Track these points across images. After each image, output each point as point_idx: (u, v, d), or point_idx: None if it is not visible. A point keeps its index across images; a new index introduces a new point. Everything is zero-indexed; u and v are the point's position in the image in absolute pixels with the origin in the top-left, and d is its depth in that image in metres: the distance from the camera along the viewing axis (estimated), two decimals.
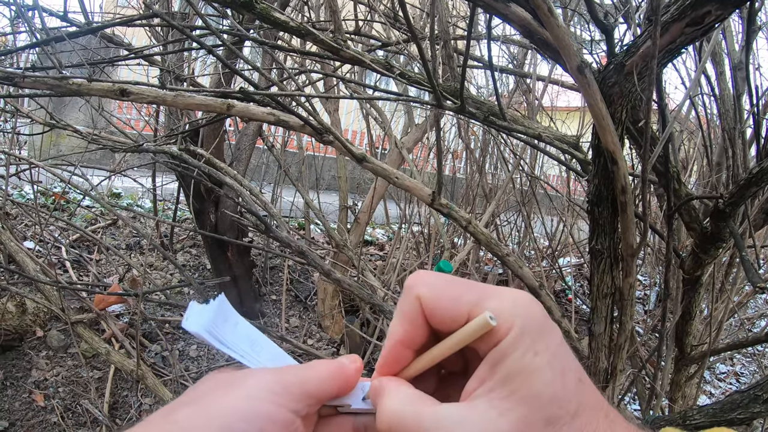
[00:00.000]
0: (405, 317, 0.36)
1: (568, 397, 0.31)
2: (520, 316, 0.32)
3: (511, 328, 0.31)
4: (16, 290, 2.02)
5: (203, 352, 2.61)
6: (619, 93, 0.81)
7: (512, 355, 0.31)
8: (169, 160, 1.91)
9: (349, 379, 0.39)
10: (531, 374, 0.30)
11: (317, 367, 0.38)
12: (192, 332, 0.37)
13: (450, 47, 1.41)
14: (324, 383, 0.37)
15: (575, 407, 0.31)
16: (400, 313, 0.36)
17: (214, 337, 0.37)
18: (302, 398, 0.35)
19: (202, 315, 0.38)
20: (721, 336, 1.62)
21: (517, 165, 2.68)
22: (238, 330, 0.40)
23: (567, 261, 4.24)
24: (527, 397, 0.30)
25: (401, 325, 0.36)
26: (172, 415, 0.33)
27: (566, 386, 0.31)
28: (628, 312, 1.03)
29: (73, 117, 4.30)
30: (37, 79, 1.03)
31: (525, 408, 0.30)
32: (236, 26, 1.17)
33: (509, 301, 0.33)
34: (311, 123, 1.12)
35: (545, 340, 0.32)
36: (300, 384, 0.36)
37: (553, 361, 0.31)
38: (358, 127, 7.43)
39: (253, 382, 0.35)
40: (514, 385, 0.30)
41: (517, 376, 0.30)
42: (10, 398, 2.12)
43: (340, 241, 2.14)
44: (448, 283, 0.35)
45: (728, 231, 1.05)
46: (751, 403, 0.89)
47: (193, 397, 0.35)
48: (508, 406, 0.30)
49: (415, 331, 0.36)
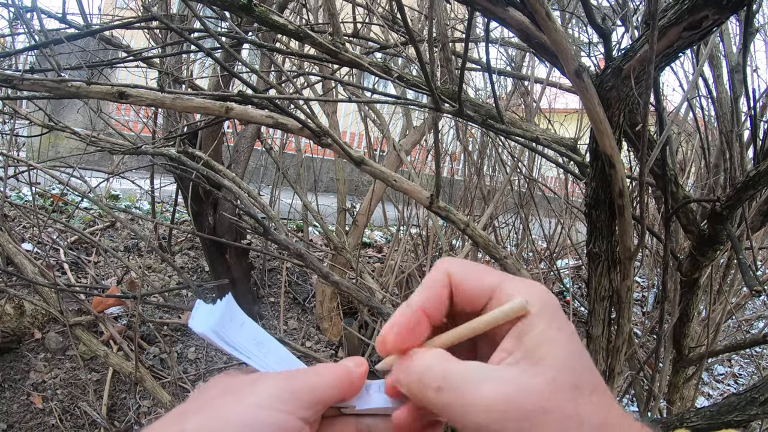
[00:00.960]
0: (431, 287, 0.37)
1: (587, 373, 0.33)
2: (539, 298, 0.34)
3: (533, 307, 0.34)
4: (14, 292, 2.02)
5: (202, 354, 2.60)
6: (616, 97, 0.81)
7: (538, 326, 0.33)
8: (167, 163, 1.91)
9: (355, 383, 0.39)
10: (556, 344, 0.32)
11: (324, 372, 0.38)
12: (198, 333, 0.36)
13: (448, 50, 1.42)
14: (332, 389, 0.37)
15: (594, 384, 0.32)
16: (427, 285, 0.38)
17: (220, 338, 0.37)
18: (311, 405, 0.35)
19: (209, 315, 0.37)
20: (719, 338, 1.62)
21: (515, 167, 2.68)
22: (245, 331, 0.39)
23: (565, 263, 4.24)
24: (555, 362, 0.32)
25: (425, 292, 0.37)
26: (182, 423, 0.33)
27: (584, 364, 0.33)
28: (625, 314, 1.03)
29: (71, 119, 4.29)
30: (36, 81, 1.03)
31: (554, 371, 0.31)
32: (235, 29, 1.17)
33: (528, 287, 0.35)
34: (309, 126, 1.13)
35: (564, 321, 0.34)
36: (309, 391, 0.36)
37: (573, 339, 0.33)
38: (356, 129, 7.43)
39: (261, 389, 0.35)
40: (541, 352, 0.32)
41: (543, 345, 0.32)
42: (8, 400, 2.12)
43: (338, 244, 2.14)
44: (474, 265, 0.38)
45: (725, 233, 1.06)
46: (749, 406, 0.89)
47: (201, 404, 0.35)
48: (538, 370, 0.31)
49: (438, 303, 0.37)
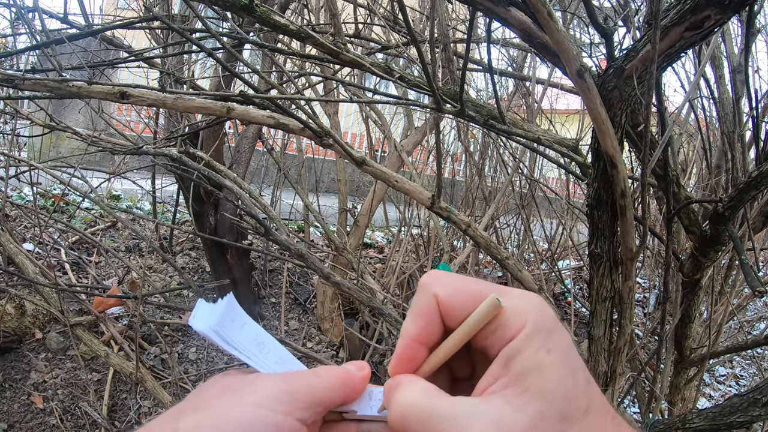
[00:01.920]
0: (420, 314, 0.36)
1: (579, 396, 0.31)
2: (533, 314, 0.32)
3: (524, 326, 0.32)
4: (15, 292, 2.02)
5: (202, 354, 2.60)
6: (618, 97, 0.81)
7: (525, 351, 0.31)
8: (168, 163, 1.91)
9: (357, 386, 0.38)
10: (545, 371, 0.31)
11: (325, 375, 0.37)
12: (199, 331, 0.36)
13: (450, 50, 1.41)
14: (331, 391, 0.37)
15: (585, 406, 0.31)
16: (416, 310, 0.36)
17: (220, 338, 0.37)
18: (309, 407, 0.35)
19: (210, 314, 0.37)
20: (721, 339, 1.62)
21: (517, 168, 2.68)
22: (246, 331, 0.39)
23: (566, 264, 4.24)
24: (541, 393, 0.30)
25: (416, 322, 0.36)
26: (177, 421, 0.32)
27: (577, 385, 0.31)
28: (627, 315, 1.03)
29: (72, 119, 4.29)
30: (37, 81, 1.03)
31: (540, 403, 0.30)
32: (236, 29, 1.17)
33: (522, 300, 0.33)
34: (311, 126, 1.13)
35: (557, 339, 0.32)
36: (308, 392, 0.35)
37: (565, 360, 0.31)
38: (358, 130, 7.43)
39: (260, 388, 0.34)
40: (528, 381, 0.30)
41: (530, 373, 0.31)
42: (9, 400, 2.12)
43: (339, 244, 2.14)
44: (463, 280, 0.36)
45: (727, 234, 1.05)
46: (751, 407, 0.89)
47: (199, 403, 0.34)
48: (522, 402, 0.30)
49: (430, 328, 0.36)
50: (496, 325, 0.33)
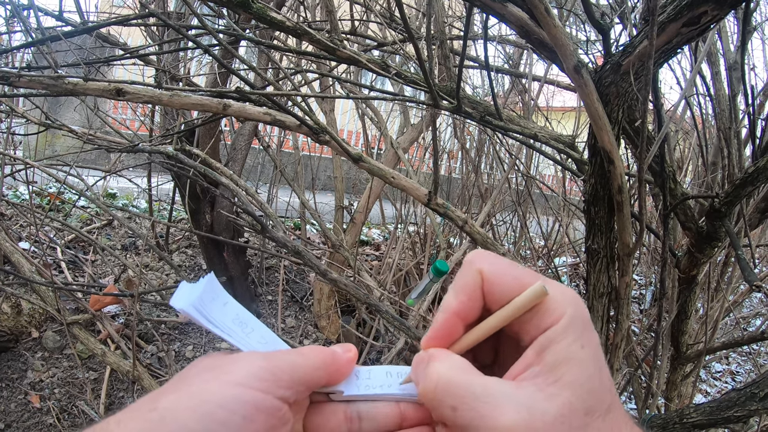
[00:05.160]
0: (464, 289, 0.36)
1: (605, 393, 0.32)
2: (571, 307, 0.33)
3: (562, 317, 0.33)
4: (11, 291, 2.01)
5: (199, 352, 2.60)
6: (615, 93, 0.81)
7: (561, 342, 0.32)
8: (164, 161, 1.91)
9: (342, 368, 0.38)
10: (577, 364, 0.31)
11: (309, 354, 0.37)
12: (179, 309, 0.36)
13: (446, 47, 1.41)
14: (315, 370, 0.36)
15: (608, 404, 0.32)
16: (459, 285, 0.37)
17: (201, 315, 0.37)
18: (291, 385, 0.35)
19: (191, 293, 0.37)
20: (717, 335, 1.63)
21: (513, 165, 2.68)
22: (228, 310, 0.39)
23: (563, 261, 4.25)
24: (572, 384, 0.31)
25: (458, 296, 0.36)
26: (155, 401, 0.32)
27: (603, 383, 0.32)
28: (624, 311, 1.03)
29: (68, 117, 4.28)
30: (33, 78, 1.02)
31: (570, 394, 0.31)
32: (232, 26, 1.17)
33: (561, 293, 0.34)
34: (307, 123, 1.12)
35: (589, 335, 0.33)
36: (290, 371, 0.35)
37: (596, 357, 0.32)
38: (354, 127, 7.43)
39: (240, 366, 0.34)
40: (560, 371, 0.31)
41: (563, 364, 0.31)
42: (5, 400, 2.11)
43: (336, 241, 2.14)
44: (507, 263, 0.37)
45: (724, 230, 1.06)
46: (748, 401, 0.89)
47: (180, 383, 0.34)
48: (554, 391, 0.31)
49: (472, 303, 0.36)
50: (535, 312, 0.34)
